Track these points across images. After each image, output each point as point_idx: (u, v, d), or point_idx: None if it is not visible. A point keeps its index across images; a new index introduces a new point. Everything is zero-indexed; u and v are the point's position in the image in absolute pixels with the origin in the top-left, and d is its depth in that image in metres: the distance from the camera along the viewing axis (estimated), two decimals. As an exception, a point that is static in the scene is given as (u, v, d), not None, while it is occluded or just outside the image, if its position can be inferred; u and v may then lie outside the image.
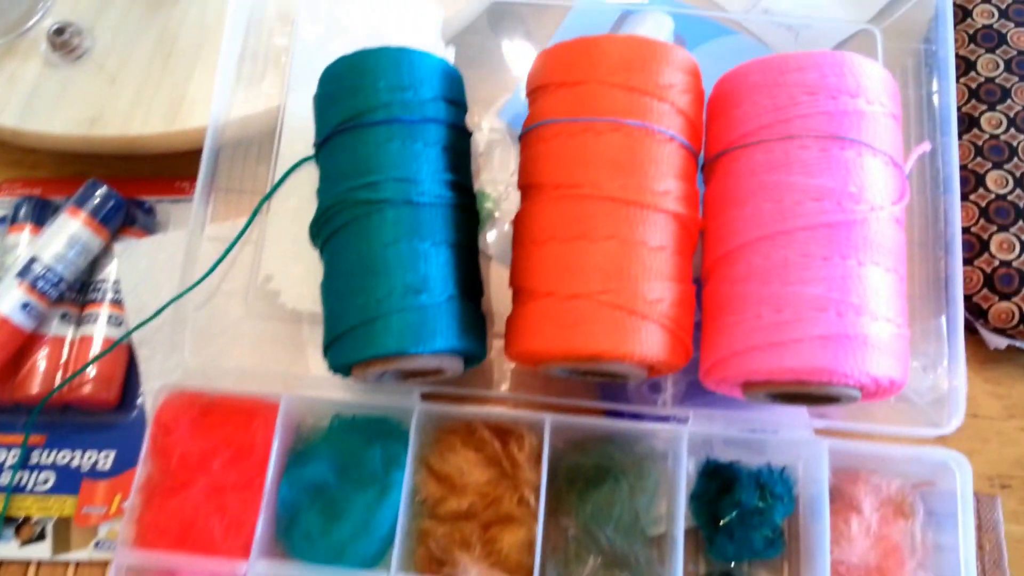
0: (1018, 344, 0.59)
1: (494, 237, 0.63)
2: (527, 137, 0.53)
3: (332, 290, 0.51)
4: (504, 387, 0.58)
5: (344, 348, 0.49)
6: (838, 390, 0.47)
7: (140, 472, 0.53)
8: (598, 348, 0.47)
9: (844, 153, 0.48)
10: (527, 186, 0.52)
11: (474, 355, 0.51)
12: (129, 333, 0.59)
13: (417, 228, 0.50)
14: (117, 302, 0.61)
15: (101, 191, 0.61)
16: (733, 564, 0.54)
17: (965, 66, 0.66)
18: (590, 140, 0.49)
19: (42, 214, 0.63)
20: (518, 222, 0.52)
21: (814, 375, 0.46)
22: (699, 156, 0.53)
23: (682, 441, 0.53)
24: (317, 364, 0.58)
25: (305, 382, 0.57)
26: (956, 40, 0.67)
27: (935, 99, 0.62)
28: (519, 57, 0.70)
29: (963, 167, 0.62)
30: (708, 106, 0.54)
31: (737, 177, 0.50)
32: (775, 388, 0.48)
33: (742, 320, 0.48)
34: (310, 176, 0.60)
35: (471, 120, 0.57)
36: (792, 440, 0.55)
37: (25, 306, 0.57)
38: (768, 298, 0.47)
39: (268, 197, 0.61)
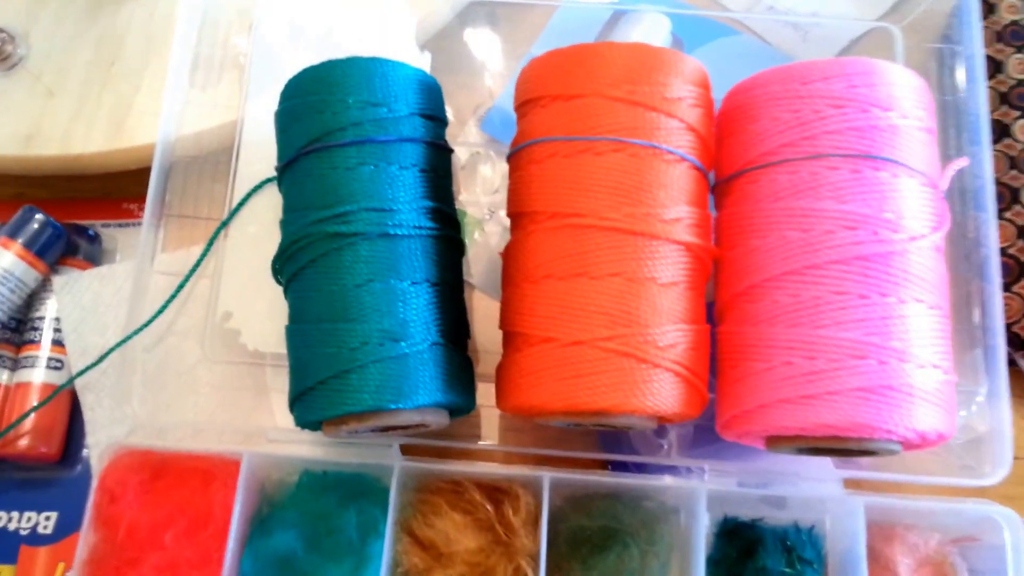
0: (1061, 377, 0.54)
1: (478, 263, 0.57)
2: (517, 157, 0.46)
3: (299, 336, 0.45)
4: (493, 439, 0.52)
5: (313, 404, 0.43)
6: (878, 445, 0.41)
7: (83, 545, 0.47)
8: (605, 403, 0.41)
9: (878, 174, 0.43)
10: (518, 214, 0.46)
11: (461, 408, 0.45)
12: (71, 380, 0.53)
13: (394, 265, 0.43)
14: (58, 343, 0.54)
15: (37, 218, 0.55)
16: (756, 635, 0.48)
17: (993, 67, 0.60)
18: (590, 161, 0.43)
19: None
20: (509, 256, 0.46)
21: (853, 431, 0.40)
22: (710, 176, 0.47)
23: (700, 498, 0.47)
24: (283, 413, 0.51)
25: (270, 435, 0.50)
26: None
27: (962, 105, 0.56)
28: (500, 62, 0.63)
29: (996, 181, 0.57)
30: (719, 120, 0.48)
31: (757, 201, 0.44)
32: (806, 443, 0.42)
33: (769, 368, 0.42)
34: (273, 198, 0.53)
35: (449, 133, 0.51)
36: (821, 496, 0.49)
37: (-50, 351, 0.51)
38: (798, 343, 0.41)
39: (226, 223, 0.54)
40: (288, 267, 0.46)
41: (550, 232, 0.43)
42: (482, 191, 0.59)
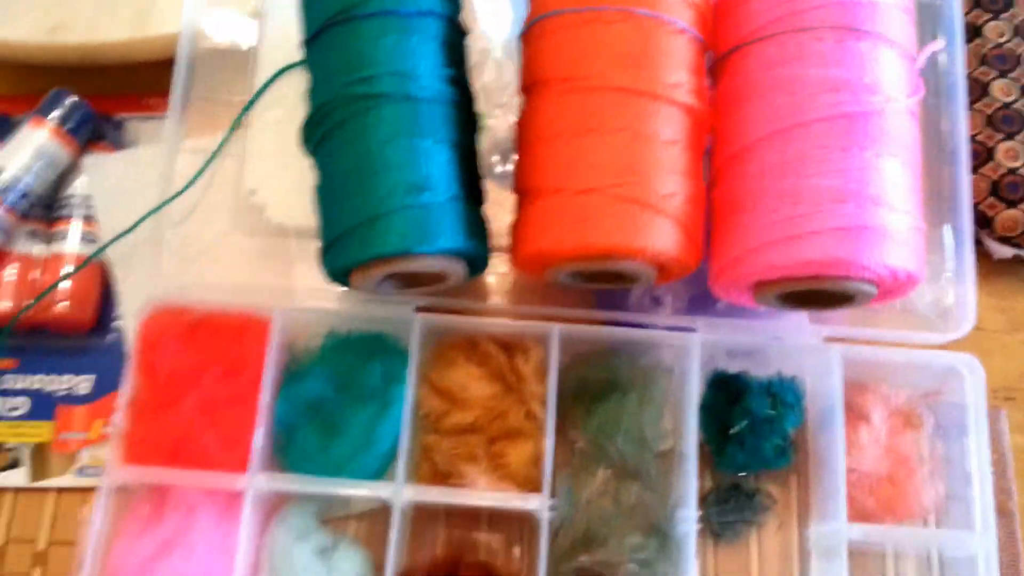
0: (1023, 253, 0.59)
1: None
2: (530, 33, 0.50)
3: (328, 192, 0.48)
4: (504, 300, 0.56)
5: (343, 250, 0.47)
6: (855, 286, 0.45)
7: (126, 390, 0.50)
8: (611, 243, 0.45)
9: (859, 44, 0.47)
10: (532, 84, 0.50)
11: (478, 260, 0.49)
12: (105, 247, 0.55)
13: (417, 125, 0.47)
14: (89, 219, 0.57)
15: (68, 100, 0.57)
16: (743, 475, 0.53)
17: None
18: (598, 31, 0.47)
19: (2, 129, 0.59)
20: (523, 123, 0.50)
21: (832, 268, 0.44)
22: (708, 55, 0.51)
23: (693, 349, 0.52)
24: (307, 281, 0.55)
25: (296, 297, 0.54)
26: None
27: (936, 7, 0.60)
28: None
29: (968, 76, 0.61)
30: (717, 1, 0.52)
31: (749, 73, 0.48)
32: (789, 287, 0.46)
33: (757, 216, 0.46)
34: (293, 85, 0.57)
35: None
36: (802, 348, 0.53)
37: (-9, 220, 0.54)
38: (784, 192, 0.46)
39: (249, 107, 0.57)
40: (317, 131, 0.49)
41: (561, 95, 0.47)
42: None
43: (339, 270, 0.48)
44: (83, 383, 0.56)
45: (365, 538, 0.52)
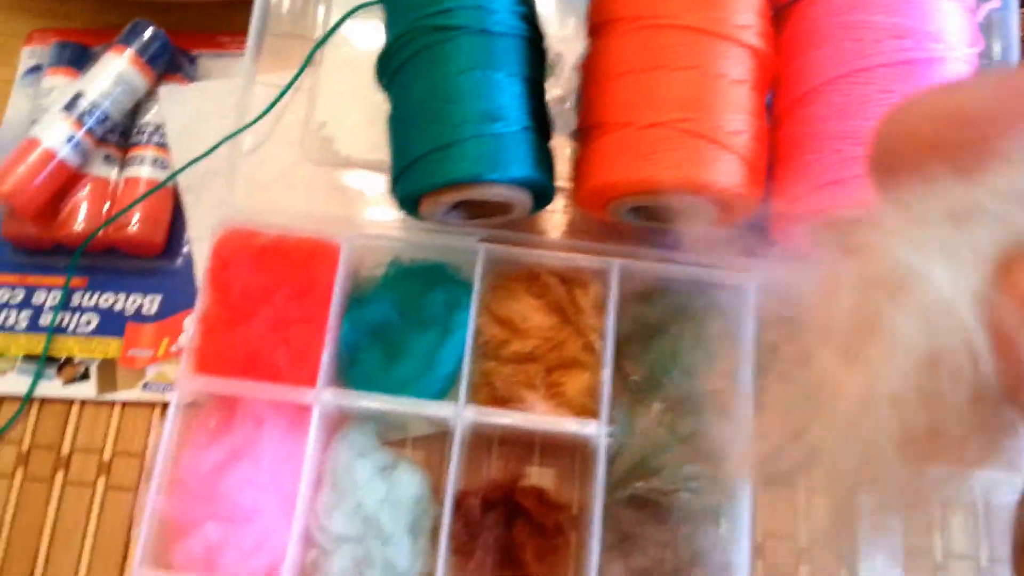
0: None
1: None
2: (601, -26, 0.52)
3: (402, 121, 0.50)
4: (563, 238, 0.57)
5: (416, 176, 0.48)
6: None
7: (199, 306, 0.52)
8: (678, 176, 0.47)
9: (924, -5, 0.48)
10: (601, 24, 0.51)
11: (544, 191, 0.51)
12: (180, 171, 0.57)
13: (492, 57, 0.49)
14: (162, 146, 0.59)
15: (148, 31, 0.59)
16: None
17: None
18: (670, -28, 0.49)
19: (80, 59, 0.61)
20: (589, 62, 0.52)
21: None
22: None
23: (749, 290, 0.53)
24: (373, 212, 0.57)
25: (362, 226, 0.56)
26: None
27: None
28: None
29: (1022, 39, 0.62)
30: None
31: (815, 19, 0.50)
32: (849, 227, 0.48)
33: (820, 156, 0.48)
34: (366, 23, 0.59)
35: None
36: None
37: (71, 140, 0.56)
38: (847, 134, 0.47)
39: (322, 43, 0.59)
40: (392, 62, 0.51)
41: (631, 33, 0.49)
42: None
43: (410, 196, 0.50)
44: (151, 303, 0.58)
45: (420, 463, 0.54)
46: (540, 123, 0.51)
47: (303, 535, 0.49)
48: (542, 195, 0.51)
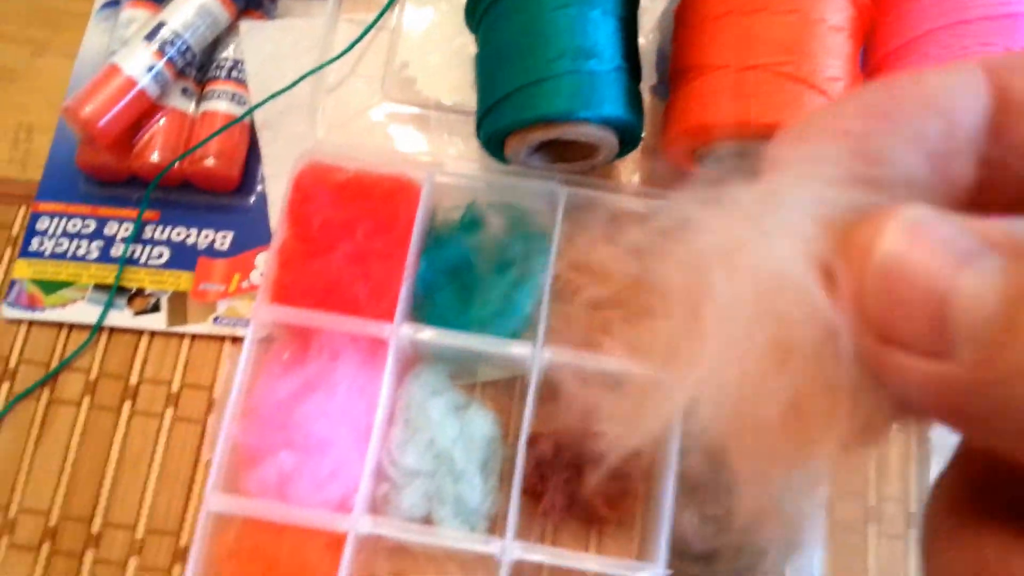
0: None
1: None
2: (698, -80, 0.52)
3: (492, 59, 0.50)
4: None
5: (505, 112, 0.48)
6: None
7: (276, 237, 0.52)
8: (775, 118, 0.46)
9: (1026, -49, 0.48)
10: (697, -31, 0.51)
11: (633, 134, 0.50)
12: (254, 108, 0.57)
13: (586, -5, 0.49)
14: (240, 81, 0.59)
15: (230, -35, 0.59)
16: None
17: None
18: (772, -82, 0.48)
19: (159, -8, 0.61)
20: (686, 4, 0.51)
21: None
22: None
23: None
24: (454, 153, 0.57)
25: (442, 166, 0.56)
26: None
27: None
28: None
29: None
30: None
31: (913, -27, 0.50)
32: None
33: (917, 106, 0.47)
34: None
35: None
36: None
37: (151, 70, 0.55)
38: (946, 84, 0.47)
39: (403, -14, 0.59)
40: (483, 2, 0.51)
41: (731, -23, 0.49)
42: None
43: (498, 134, 0.49)
44: (223, 239, 0.58)
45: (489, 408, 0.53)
46: (632, 64, 0.50)
47: (375, 469, 0.49)
48: (629, 139, 0.51)
